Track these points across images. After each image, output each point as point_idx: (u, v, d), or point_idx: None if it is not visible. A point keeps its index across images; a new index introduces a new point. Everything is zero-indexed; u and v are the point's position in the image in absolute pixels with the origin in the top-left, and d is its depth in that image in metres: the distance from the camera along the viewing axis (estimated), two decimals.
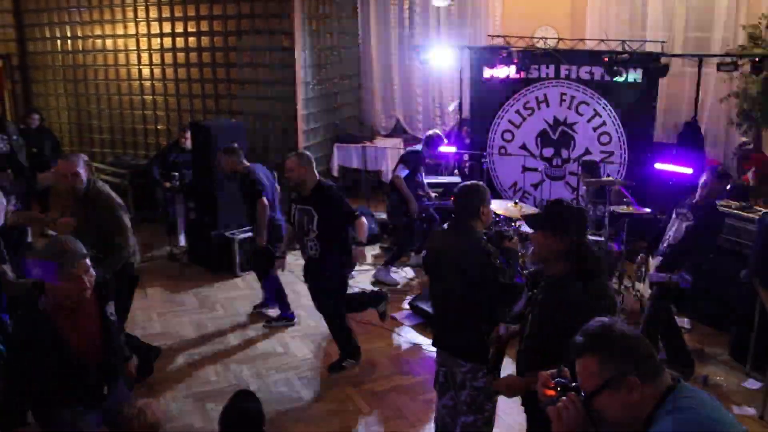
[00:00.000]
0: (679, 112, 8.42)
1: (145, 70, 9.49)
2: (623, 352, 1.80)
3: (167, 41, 9.19)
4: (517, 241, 5.34)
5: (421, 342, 5.48)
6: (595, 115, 7.52)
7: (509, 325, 3.05)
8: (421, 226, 6.84)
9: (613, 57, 7.03)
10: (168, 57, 9.25)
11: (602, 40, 7.41)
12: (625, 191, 6.03)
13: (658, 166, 6.74)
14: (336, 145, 9.53)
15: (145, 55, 9.42)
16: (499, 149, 7.95)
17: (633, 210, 5.74)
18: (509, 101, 7.84)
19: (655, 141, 7.65)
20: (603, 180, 6.04)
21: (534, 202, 7.73)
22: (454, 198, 3.50)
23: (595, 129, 7.55)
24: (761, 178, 6.98)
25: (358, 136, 9.73)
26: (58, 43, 10.07)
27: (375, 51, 10.14)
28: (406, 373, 5.04)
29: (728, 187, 5.01)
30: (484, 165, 7.32)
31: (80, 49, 9.91)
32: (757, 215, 5.33)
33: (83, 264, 2.80)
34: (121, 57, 9.58)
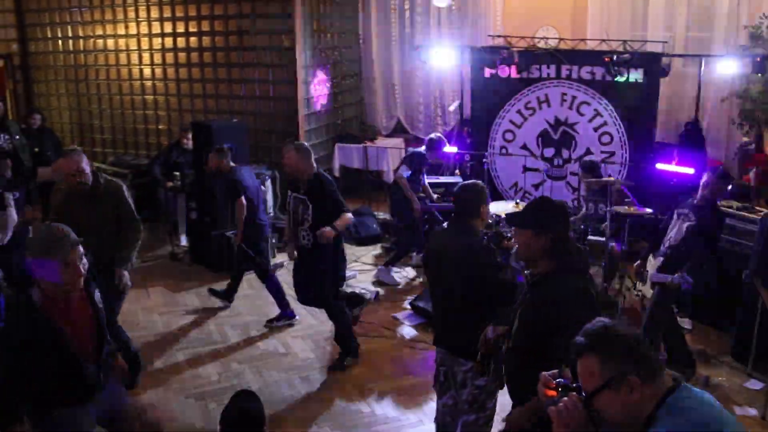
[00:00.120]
0: (680, 112, 8.39)
1: (147, 70, 9.50)
2: (624, 352, 1.80)
3: (168, 41, 9.21)
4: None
5: (422, 342, 5.48)
6: (596, 115, 7.51)
7: (497, 326, 3.03)
8: (424, 226, 6.86)
9: (614, 57, 7.02)
10: (169, 57, 9.26)
11: (603, 40, 7.40)
12: (627, 191, 6.03)
13: (660, 166, 6.73)
14: (337, 145, 9.53)
15: (146, 55, 9.44)
16: (501, 149, 7.95)
17: (634, 210, 5.74)
18: (510, 101, 7.84)
19: (656, 141, 7.65)
20: (603, 180, 6.04)
21: None
22: (453, 197, 3.51)
23: (596, 129, 7.54)
24: (762, 179, 6.97)
25: (359, 136, 9.73)
26: (60, 43, 10.09)
27: (376, 51, 10.13)
28: (406, 373, 5.04)
29: (729, 188, 5.00)
30: (485, 165, 7.32)
31: (81, 49, 9.92)
32: (758, 216, 5.31)
33: (77, 251, 2.82)
34: (123, 57, 9.60)
